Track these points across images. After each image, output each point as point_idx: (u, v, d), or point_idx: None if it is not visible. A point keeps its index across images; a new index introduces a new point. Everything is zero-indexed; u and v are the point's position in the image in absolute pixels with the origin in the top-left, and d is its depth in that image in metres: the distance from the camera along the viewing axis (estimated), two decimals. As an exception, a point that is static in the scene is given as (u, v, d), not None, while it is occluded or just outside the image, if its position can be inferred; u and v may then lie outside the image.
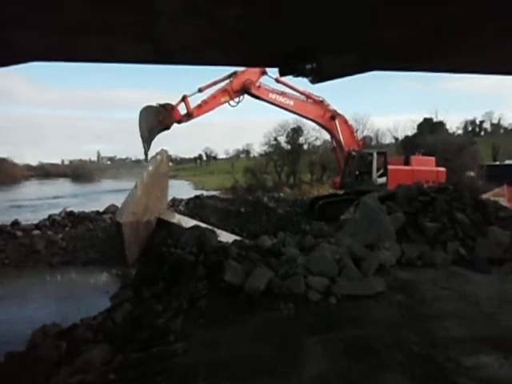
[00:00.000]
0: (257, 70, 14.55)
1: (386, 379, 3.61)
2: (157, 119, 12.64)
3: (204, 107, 14.06)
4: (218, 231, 10.47)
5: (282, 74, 5.33)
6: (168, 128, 13.21)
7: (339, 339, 4.37)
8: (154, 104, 12.96)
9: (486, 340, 4.30)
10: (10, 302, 9.90)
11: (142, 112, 12.21)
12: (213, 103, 14.22)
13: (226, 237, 10.47)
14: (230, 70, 14.40)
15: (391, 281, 6.05)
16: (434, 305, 5.31)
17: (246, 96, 14.75)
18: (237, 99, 14.47)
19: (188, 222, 11.91)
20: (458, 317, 4.92)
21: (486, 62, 4.91)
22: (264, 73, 14.82)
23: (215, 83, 14.24)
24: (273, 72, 15.01)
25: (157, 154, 12.16)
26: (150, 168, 11.32)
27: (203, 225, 11.62)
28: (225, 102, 14.36)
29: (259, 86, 14.81)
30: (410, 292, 5.73)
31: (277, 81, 15.22)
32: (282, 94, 15.41)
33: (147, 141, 12.19)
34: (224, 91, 14.26)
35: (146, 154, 12.02)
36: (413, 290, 5.83)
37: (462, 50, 4.43)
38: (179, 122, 13.61)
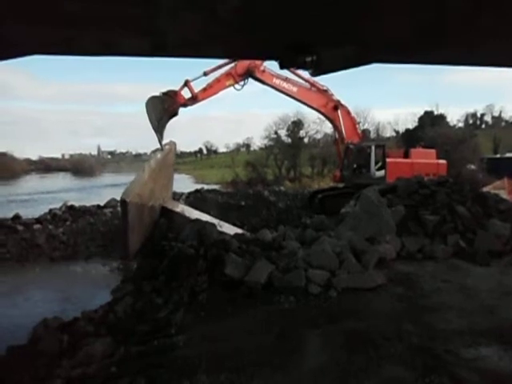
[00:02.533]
0: None
1: (386, 371, 3.63)
2: (162, 107, 12.66)
3: (209, 91, 14.05)
4: (221, 223, 10.53)
5: (282, 66, 5.31)
6: (176, 114, 13.24)
7: (339, 332, 4.39)
8: (158, 94, 12.99)
9: (485, 332, 4.32)
10: (11, 297, 9.94)
11: (147, 103, 12.23)
12: (217, 87, 14.18)
13: (228, 228, 10.50)
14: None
15: (391, 274, 6.06)
16: (434, 297, 5.32)
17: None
18: (241, 83, 14.41)
19: (191, 213, 11.97)
20: (457, 309, 4.93)
21: (485, 54, 4.88)
22: None
23: (220, 67, 14.18)
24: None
25: (165, 144, 12.23)
26: (159, 155, 11.43)
27: (207, 216, 11.68)
28: (229, 86, 14.31)
29: (263, 71, 14.68)
30: (410, 285, 5.75)
31: (281, 66, 15.14)
32: (286, 79, 15.28)
33: (159, 130, 12.23)
34: (228, 75, 14.21)
35: (160, 143, 12.07)
36: (413, 282, 5.84)
37: (461, 41, 4.40)
38: (184, 105, 13.63)
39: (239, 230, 10.75)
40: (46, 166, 73.31)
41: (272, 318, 4.88)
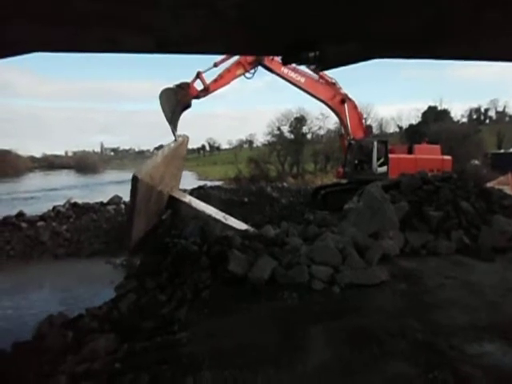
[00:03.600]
0: None
1: (390, 367, 3.62)
2: (176, 99, 12.76)
3: (220, 81, 14.07)
4: (226, 216, 10.58)
5: (285, 62, 5.30)
6: (189, 106, 13.35)
7: (343, 328, 4.39)
8: (172, 86, 13.09)
9: (489, 328, 4.30)
10: (16, 293, 10.00)
11: (161, 95, 12.37)
12: (228, 77, 14.20)
13: (233, 223, 10.54)
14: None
15: (395, 270, 6.05)
16: (438, 293, 5.31)
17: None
18: (252, 71, 14.40)
19: (198, 204, 12.08)
20: (461, 305, 4.91)
21: (490, 49, 4.85)
22: None
23: (229, 57, 14.19)
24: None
25: (179, 136, 12.35)
26: (172, 145, 11.62)
27: (213, 208, 11.72)
28: (240, 75, 14.33)
29: (272, 59, 14.60)
30: (414, 281, 5.74)
31: (284, 65, 15.08)
32: (294, 69, 15.17)
33: (172, 122, 12.37)
34: (238, 64, 14.19)
35: (174, 134, 12.20)
36: (416, 278, 5.83)
37: (464, 37, 4.37)
38: (197, 97, 13.70)
39: (244, 225, 10.78)
40: (49, 164, 73.44)
41: (275, 314, 4.88)
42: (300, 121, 37.57)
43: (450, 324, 4.43)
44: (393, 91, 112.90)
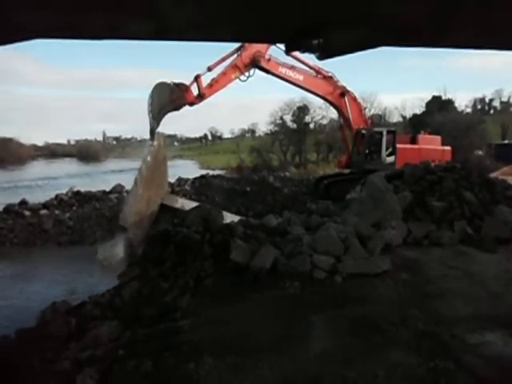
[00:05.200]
0: None
1: (391, 356, 3.64)
2: (170, 97, 12.36)
3: (215, 86, 13.72)
4: (223, 212, 10.49)
5: (288, 50, 5.22)
6: (178, 109, 12.95)
7: (344, 317, 4.41)
8: (168, 81, 12.67)
9: (491, 318, 4.31)
10: (20, 281, 10.08)
11: (154, 88, 11.93)
12: (224, 81, 13.88)
13: (230, 218, 10.50)
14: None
15: (397, 260, 6.04)
16: (440, 283, 5.31)
17: (256, 72, 14.41)
18: (247, 73, 14.13)
19: (191, 206, 11.92)
20: (463, 295, 4.92)
21: (498, 37, 4.76)
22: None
23: (223, 60, 13.89)
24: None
25: (154, 139, 12.00)
26: (148, 158, 11.12)
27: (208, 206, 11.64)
28: (236, 78, 14.03)
29: (269, 59, 14.36)
30: (416, 271, 5.73)
31: (286, 53, 14.88)
32: (292, 68, 14.97)
33: (157, 119, 11.91)
34: (234, 67, 13.89)
35: (152, 132, 11.68)
36: (419, 268, 5.82)
37: (473, 24, 4.29)
38: (191, 104, 13.31)
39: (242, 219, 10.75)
40: (51, 152, 73.57)
41: (277, 303, 4.90)
42: (303, 110, 37.37)
43: (451, 314, 4.44)
44: (396, 80, 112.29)
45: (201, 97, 13.43)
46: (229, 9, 3.82)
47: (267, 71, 14.61)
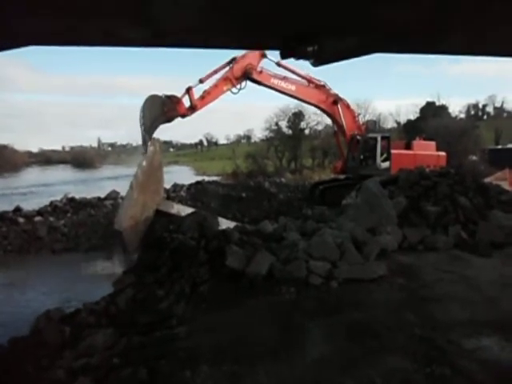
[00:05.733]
0: (256, 53, 14.24)
1: (388, 361, 3.64)
2: (161, 110, 12.34)
3: (207, 98, 13.72)
4: (219, 219, 10.45)
5: (283, 56, 5.24)
6: (170, 121, 12.92)
7: (341, 322, 4.40)
8: (160, 94, 12.61)
9: (487, 323, 4.32)
10: (13, 289, 9.98)
11: (146, 101, 11.89)
12: (215, 93, 13.89)
13: (226, 224, 10.47)
14: (231, 54, 14.15)
15: (393, 265, 6.05)
16: (436, 288, 5.32)
17: (248, 82, 14.43)
18: (238, 86, 14.14)
19: (187, 211, 11.86)
20: (459, 300, 4.93)
21: (492, 44, 4.82)
22: (264, 56, 14.51)
23: (215, 72, 13.91)
24: (273, 55, 14.72)
25: (149, 145, 11.91)
26: (144, 164, 11.05)
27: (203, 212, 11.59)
28: (227, 90, 14.02)
29: (261, 71, 14.42)
30: (412, 276, 5.74)
31: (278, 64, 14.91)
32: (284, 78, 15.04)
33: (148, 131, 11.81)
34: (226, 79, 13.92)
35: (145, 144, 11.52)
36: (414, 273, 5.84)
37: (467, 31, 4.33)
38: (183, 115, 13.30)
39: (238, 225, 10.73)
40: (46, 159, 73.32)
41: (273, 309, 4.89)
42: (298, 116, 37.47)
43: (447, 319, 4.44)
44: (389, 87, 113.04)
45: (192, 109, 13.43)
46: (225, 16, 3.85)
47: (259, 83, 14.65)
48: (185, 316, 4.92)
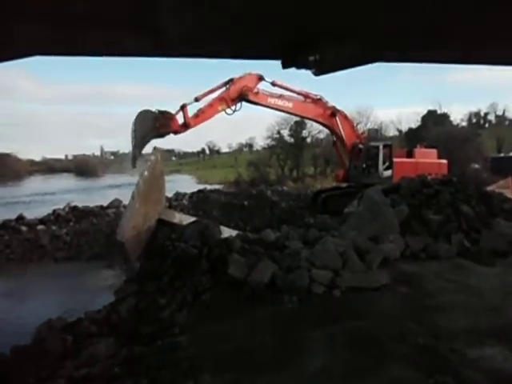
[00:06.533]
0: (253, 76, 14.31)
1: (391, 371, 3.61)
2: (153, 125, 12.30)
3: (201, 116, 13.67)
4: (221, 227, 10.43)
5: (284, 66, 5.28)
6: (162, 136, 12.88)
7: (343, 331, 4.37)
8: (153, 109, 12.59)
9: (490, 332, 4.29)
10: (15, 297, 9.98)
11: (138, 116, 11.93)
12: (210, 112, 13.85)
13: (228, 232, 10.45)
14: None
15: (395, 273, 6.03)
16: (439, 297, 5.29)
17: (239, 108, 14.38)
18: (233, 107, 14.07)
19: (189, 220, 11.84)
20: (462, 309, 4.90)
21: (492, 52, 4.85)
22: (261, 79, 14.54)
23: (211, 91, 13.91)
24: (268, 76, 14.71)
25: (150, 154, 11.94)
26: (146, 173, 11.06)
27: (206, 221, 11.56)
28: (222, 110, 13.96)
29: (257, 92, 14.44)
30: (414, 284, 5.72)
31: (273, 84, 14.95)
32: (280, 96, 15.05)
33: (138, 147, 11.84)
34: (221, 99, 13.88)
35: (134, 159, 11.63)
36: (417, 282, 5.81)
37: (468, 39, 4.37)
38: (176, 132, 13.25)
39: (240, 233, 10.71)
40: (49, 167, 73.60)
41: (275, 318, 4.87)
42: (300, 124, 37.60)
43: (450, 327, 4.42)
44: (391, 95, 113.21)
45: (186, 126, 13.37)
46: (226, 25, 3.89)
47: (256, 103, 14.64)
48: (187, 325, 4.91)
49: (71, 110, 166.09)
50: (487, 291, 5.43)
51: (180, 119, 13.32)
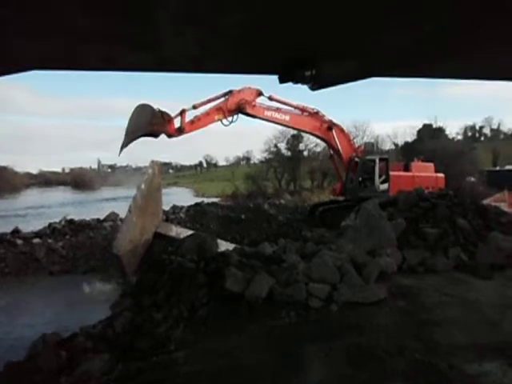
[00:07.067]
0: (253, 90, 14.46)
1: (389, 387, 3.58)
2: (149, 120, 12.19)
3: (196, 123, 13.73)
4: (218, 241, 10.39)
5: (281, 81, 5.34)
6: (154, 136, 12.74)
7: (341, 347, 4.34)
8: (154, 107, 12.55)
9: (489, 347, 4.26)
10: (10, 312, 9.86)
11: (137, 107, 11.82)
12: (206, 120, 13.90)
13: (225, 246, 10.42)
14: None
15: (393, 287, 6.01)
16: (436, 311, 5.27)
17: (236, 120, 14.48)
18: (230, 118, 14.17)
19: (186, 234, 11.79)
20: (460, 323, 4.88)
21: (485, 68, 4.92)
22: (260, 94, 14.68)
23: (210, 101, 14.02)
24: (266, 91, 14.86)
25: (148, 167, 11.90)
26: (143, 186, 11.00)
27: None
28: (218, 120, 14.05)
29: (254, 105, 14.59)
30: (412, 298, 5.70)
31: (270, 98, 15.09)
32: (277, 110, 15.20)
33: (129, 137, 11.54)
34: (218, 109, 13.99)
35: (122, 148, 11.27)
36: (414, 296, 5.79)
37: (461, 55, 4.44)
38: (170, 135, 13.25)
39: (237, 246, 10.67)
40: (46, 180, 73.41)
41: (273, 332, 4.83)
42: (296, 138, 37.81)
43: (449, 343, 4.39)
44: (388, 109, 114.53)
45: (180, 131, 13.39)
46: (226, 43, 3.94)
47: (254, 116, 14.74)
48: (183, 340, 4.85)
49: (68, 123, 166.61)
50: (485, 305, 5.41)
51: (177, 124, 13.36)
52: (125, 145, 11.33)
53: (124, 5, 3.13)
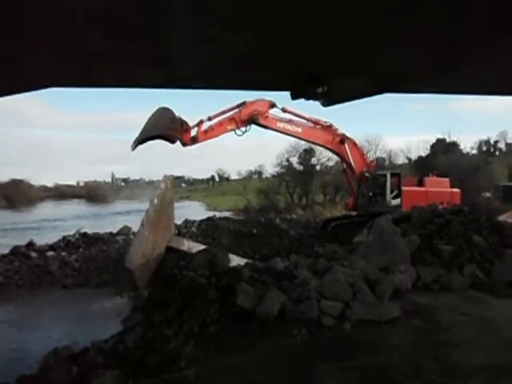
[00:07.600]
0: (266, 102, 14.60)
1: (404, 410, 3.48)
2: (167, 124, 12.34)
3: (210, 133, 13.96)
4: (230, 255, 10.38)
5: (293, 97, 5.39)
6: (170, 141, 12.82)
7: (354, 367, 4.26)
8: (177, 114, 12.82)
9: (506, 368, 4.14)
10: (23, 325, 9.93)
11: (158, 110, 12.05)
12: (219, 130, 14.12)
13: (237, 261, 10.39)
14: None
15: (407, 305, 5.90)
16: (452, 330, 5.14)
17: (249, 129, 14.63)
18: (243, 129, 14.35)
19: (199, 247, 11.81)
20: (477, 343, 4.75)
21: (497, 84, 4.90)
22: (273, 106, 14.80)
23: (224, 112, 14.26)
24: (280, 103, 14.96)
25: (161, 181, 12.01)
26: (155, 201, 11.10)
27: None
28: (231, 130, 14.24)
29: (267, 116, 14.68)
30: (427, 317, 5.58)
31: (283, 110, 15.19)
32: (290, 121, 15.25)
33: (144, 134, 11.67)
34: (231, 119, 14.19)
35: (135, 143, 11.39)
36: (430, 314, 5.67)
37: (473, 71, 4.43)
38: (185, 144, 13.49)
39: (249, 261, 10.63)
40: (61, 193, 74.43)
41: (284, 351, 4.76)
42: (309, 152, 37.76)
43: (465, 364, 4.27)
44: (400, 123, 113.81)
45: (194, 140, 13.63)
46: (238, 61, 3.99)
47: (266, 127, 14.86)
48: (194, 357, 4.81)
49: (82, 138, 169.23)
50: (502, 324, 5.27)
51: (193, 133, 13.64)
52: (139, 140, 11.44)
53: (139, 26, 3.20)
